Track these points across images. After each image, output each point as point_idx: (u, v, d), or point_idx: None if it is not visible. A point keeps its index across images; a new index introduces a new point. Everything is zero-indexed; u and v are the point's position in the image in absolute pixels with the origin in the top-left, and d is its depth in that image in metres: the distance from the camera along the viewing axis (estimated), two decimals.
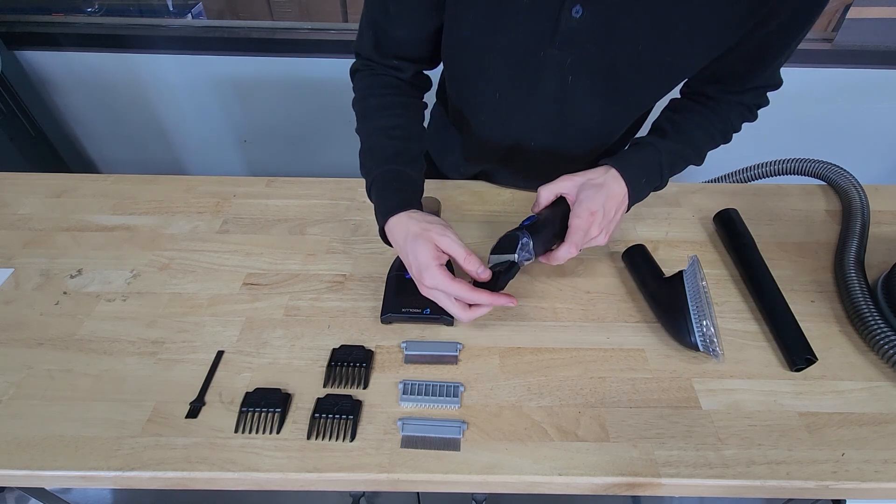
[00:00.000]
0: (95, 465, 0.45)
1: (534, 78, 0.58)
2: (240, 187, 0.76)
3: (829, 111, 1.54)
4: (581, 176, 0.57)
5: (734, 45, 0.53)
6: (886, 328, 0.53)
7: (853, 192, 0.71)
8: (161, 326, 0.56)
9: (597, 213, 0.54)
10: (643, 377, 0.52)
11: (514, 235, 0.54)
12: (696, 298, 0.54)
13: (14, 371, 0.52)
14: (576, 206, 0.54)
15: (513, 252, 0.52)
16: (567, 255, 0.54)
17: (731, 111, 0.62)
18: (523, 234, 0.53)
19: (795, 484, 0.44)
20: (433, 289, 0.51)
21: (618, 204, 0.56)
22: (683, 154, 0.62)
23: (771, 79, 0.61)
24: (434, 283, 0.50)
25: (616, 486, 0.45)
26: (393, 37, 0.60)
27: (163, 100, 1.61)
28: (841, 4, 1.38)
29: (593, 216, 0.53)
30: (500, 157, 0.72)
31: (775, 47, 0.55)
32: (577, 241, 0.53)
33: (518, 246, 0.52)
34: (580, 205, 0.54)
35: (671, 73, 0.57)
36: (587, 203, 0.54)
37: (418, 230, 0.51)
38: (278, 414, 0.48)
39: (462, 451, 0.46)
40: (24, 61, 1.51)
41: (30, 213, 0.71)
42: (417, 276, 0.51)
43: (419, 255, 0.50)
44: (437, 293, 0.51)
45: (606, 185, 0.55)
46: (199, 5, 1.54)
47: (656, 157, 0.59)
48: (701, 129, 0.62)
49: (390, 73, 0.63)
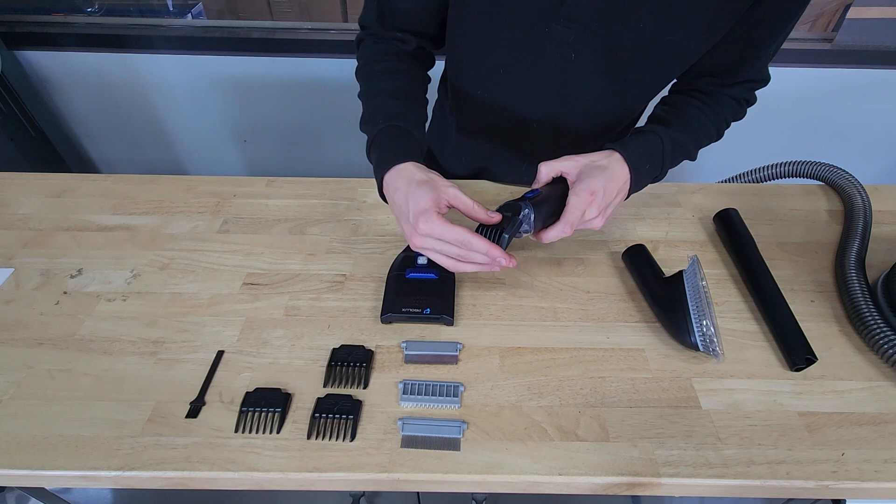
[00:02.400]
0: (95, 464, 0.45)
1: (537, 54, 0.58)
2: (240, 187, 0.76)
3: (829, 111, 1.54)
4: (584, 157, 0.55)
5: (728, 33, 0.54)
6: (886, 328, 0.53)
7: (855, 194, 0.71)
8: (161, 326, 0.57)
9: (597, 193, 0.52)
10: (643, 377, 0.52)
11: (517, 205, 0.52)
12: (696, 298, 0.54)
13: (14, 371, 0.52)
14: (575, 185, 0.53)
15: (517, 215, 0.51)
16: (559, 234, 0.52)
17: (722, 105, 0.63)
18: (526, 204, 0.51)
19: (795, 484, 0.44)
20: (427, 236, 0.49)
21: (619, 188, 0.55)
22: (685, 145, 0.61)
23: (760, 72, 0.62)
24: (430, 229, 0.48)
25: (616, 486, 0.45)
26: (397, 8, 0.61)
27: (163, 100, 1.61)
28: (841, 4, 1.38)
29: (593, 196, 0.52)
30: (501, 140, 0.72)
31: (765, 37, 0.56)
32: (573, 220, 0.51)
33: (521, 213, 0.51)
34: (580, 183, 0.53)
35: (672, 54, 0.57)
36: (587, 182, 0.52)
37: (424, 178, 0.51)
38: (278, 414, 0.48)
39: (462, 451, 0.46)
40: (24, 61, 1.51)
41: (30, 213, 0.71)
42: (413, 223, 0.49)
43: (420, 201, 0.49)
44: (430, 241, 0.49)
45: (610, 168, 0.54)
46: (199, 5, 1.54)
47: (660, 144, 0.59)
48: (698, 121, 0.62)
49: (395, 44, 0.64)
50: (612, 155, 0.55)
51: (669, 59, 0.58)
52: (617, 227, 0.70)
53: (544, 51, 0.58)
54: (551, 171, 0.55)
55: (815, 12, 1.43)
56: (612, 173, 0.54)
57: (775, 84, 0.69)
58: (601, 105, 0.65)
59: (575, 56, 0.58)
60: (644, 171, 0.57)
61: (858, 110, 1.54)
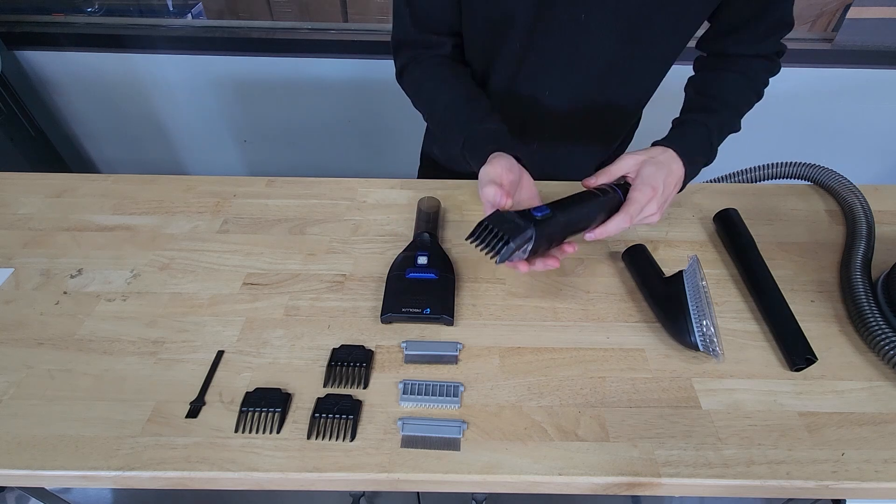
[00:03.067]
0: (95, 464, 0.45)
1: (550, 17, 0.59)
2: (240, 187, 0.76)
3: (829, 111, 1.54)
4: (643, 153, 0.58)
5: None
6: (887, 328, 0.53)
7: (852, 198, 0.71)
8: (161, 326, 0.57)
9: (657, 188, 0.54)
10: (643, 377, 0.52)
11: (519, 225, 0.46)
12: (696, 298, 0.54)
13: (14, 371, 0.52)
14: (637, 181, 0.55)
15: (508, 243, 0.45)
16: (619, 226, 0.53)
17: (754, 69, 0.64)
18: (530, 228, 0.46)
19: (795, 484, 0.44)
20: None
21: (676, 182, 0.57)
22: (729, 123, 0.63)
23: (785, 15, 0.62)
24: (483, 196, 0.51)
25: (616, 486, 0.45)
26: (428, 9, 0.63)
27: (163, 100, 1.62)
28: (841, 4, 1.38)
29: (654, 191, 0.54)
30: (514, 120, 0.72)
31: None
32: (634, 212, 0.53)
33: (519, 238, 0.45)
34: (642, 180, 0.55)
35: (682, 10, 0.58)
36: (650, 179, 0.55)
37: None
38: (278, 414, 0.48)
39: (462, 451, 0.46)
40: (24, 61, 1.51)
41: (30, 213, 0.71)
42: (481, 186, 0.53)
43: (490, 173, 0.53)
44: None
45: (667, 164, 0.56)
46: (199, 5, 1.54)
47: (707, 134, 0.61)
48: (736, 93, 0.64)
49: (432, 53, 0.65)
50: (667, 151, 0.58)
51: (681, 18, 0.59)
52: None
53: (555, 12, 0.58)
54: (612, 176, 0.57)
55: (815, 12, 1.43)
56: (669, 168, 0.56)
57: (775, 84, 0.69)
58: (614, 74, 0.65)
59: (585, 16, 0.58)
60: (697, 163, 0.60)
61: (858, 110, 1.54)
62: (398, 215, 0.72)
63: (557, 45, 0.62)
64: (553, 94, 0.67)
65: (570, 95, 0.68)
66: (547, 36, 0.61)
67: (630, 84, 0.68)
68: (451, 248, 0.67)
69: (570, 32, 0.60)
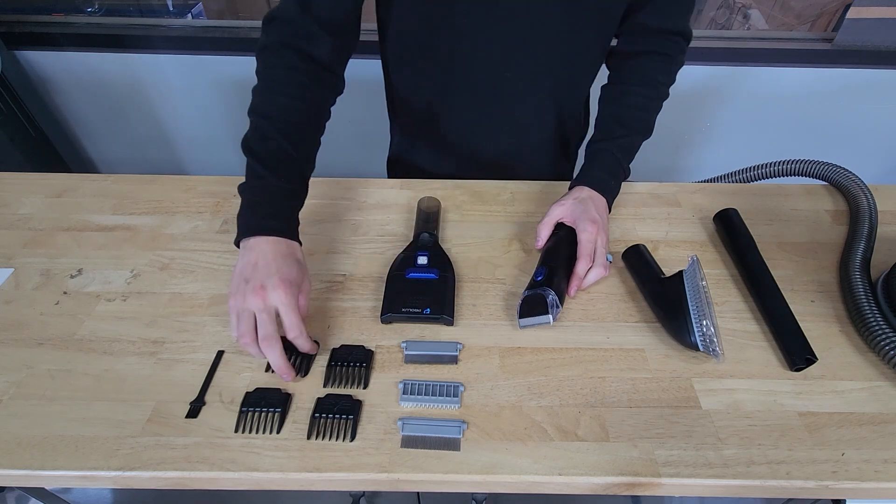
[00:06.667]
0: (95, 464, 0.45)
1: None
2: None
3: (829, 111, 1.54)
4: (566, 198, 0.64)
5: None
6: (887, 328, 0.53)
7: (861, 195, 0.71)
8: (161, 326, 0.57)
9: (596, 220, 0.61)
10: (643, 377, 0.52)
11: (539, 296, 0.55)
12: (696, 298, 0.54)
13: (14, 371, 0.52)
14: (578, 224, 0.61)
15: (546, 313, 0.55)
16: (583, 269, 0.59)
17: (654, 70, 0.69)
18: (546, 291, 0.55)
19: (795, 484, 0.44)
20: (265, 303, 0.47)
21: (605, 209, 0.64)
22: (634, 142, 0.69)
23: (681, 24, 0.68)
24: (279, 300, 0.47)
25: (616, 486, 0.45)
26: None
27: (163, 100, 1.61)
28: (841, 4, 1.38)
29: (595, 224, 0.60)
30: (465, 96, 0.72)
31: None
32: (589, 252, 0.59)
33: (548, 305, 0.55)
34: (580, 220, 0.61)
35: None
36: (586, 216, 0.61)
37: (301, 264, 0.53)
38: (278, 414, 0.48)
39: (462, 451, 0.46)
40: (24, 61, 1.51)
41: (30, 213, 0.71)
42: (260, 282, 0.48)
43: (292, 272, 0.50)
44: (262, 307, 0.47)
45: (591, 198, 0.63)
46: (199, 5, 1.54)
47: (614, 160, 0.67)
48: (640, 110, 0.69)
49: (304, 50, 0.58)
50: (584, 189, 0.64)
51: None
52: (617, 227, 0.70)
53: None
54: (548, 226, 0.63)
55: (815, 12, 1.43)
56: (594, 201, 0.63)
57: (775, 84, 0.69)
58: (560, 41, 0.66)
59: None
60: (612, 188, 0.66)
61: (858, 110, 1.54)
62: (398, 215, 0.72)
63: (503, 18, 0.63)
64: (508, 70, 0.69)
65: (519, 62, 0.68)
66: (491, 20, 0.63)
67: (579, 55, 0.70)
68: (451, 248, 0.67)
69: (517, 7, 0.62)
